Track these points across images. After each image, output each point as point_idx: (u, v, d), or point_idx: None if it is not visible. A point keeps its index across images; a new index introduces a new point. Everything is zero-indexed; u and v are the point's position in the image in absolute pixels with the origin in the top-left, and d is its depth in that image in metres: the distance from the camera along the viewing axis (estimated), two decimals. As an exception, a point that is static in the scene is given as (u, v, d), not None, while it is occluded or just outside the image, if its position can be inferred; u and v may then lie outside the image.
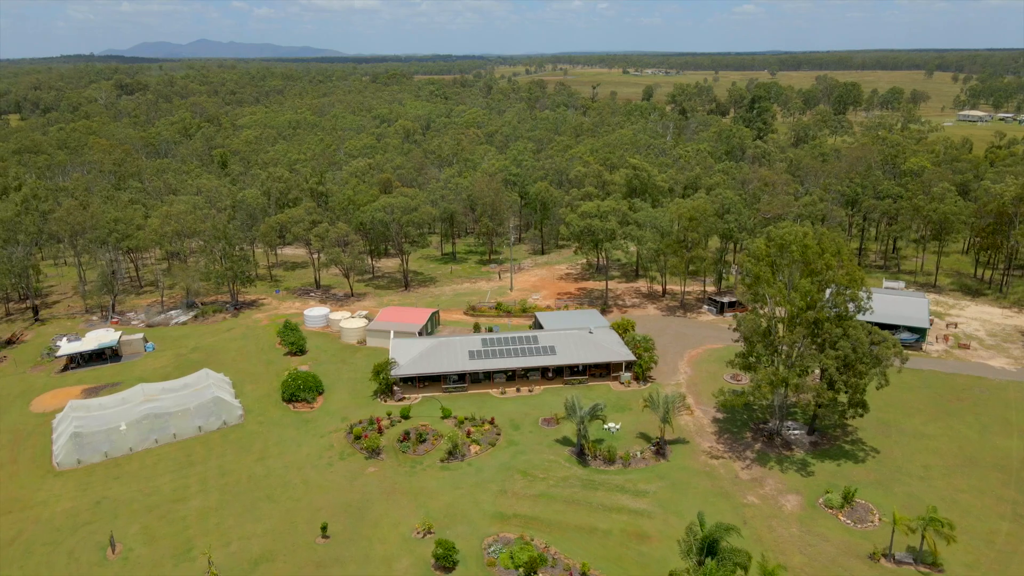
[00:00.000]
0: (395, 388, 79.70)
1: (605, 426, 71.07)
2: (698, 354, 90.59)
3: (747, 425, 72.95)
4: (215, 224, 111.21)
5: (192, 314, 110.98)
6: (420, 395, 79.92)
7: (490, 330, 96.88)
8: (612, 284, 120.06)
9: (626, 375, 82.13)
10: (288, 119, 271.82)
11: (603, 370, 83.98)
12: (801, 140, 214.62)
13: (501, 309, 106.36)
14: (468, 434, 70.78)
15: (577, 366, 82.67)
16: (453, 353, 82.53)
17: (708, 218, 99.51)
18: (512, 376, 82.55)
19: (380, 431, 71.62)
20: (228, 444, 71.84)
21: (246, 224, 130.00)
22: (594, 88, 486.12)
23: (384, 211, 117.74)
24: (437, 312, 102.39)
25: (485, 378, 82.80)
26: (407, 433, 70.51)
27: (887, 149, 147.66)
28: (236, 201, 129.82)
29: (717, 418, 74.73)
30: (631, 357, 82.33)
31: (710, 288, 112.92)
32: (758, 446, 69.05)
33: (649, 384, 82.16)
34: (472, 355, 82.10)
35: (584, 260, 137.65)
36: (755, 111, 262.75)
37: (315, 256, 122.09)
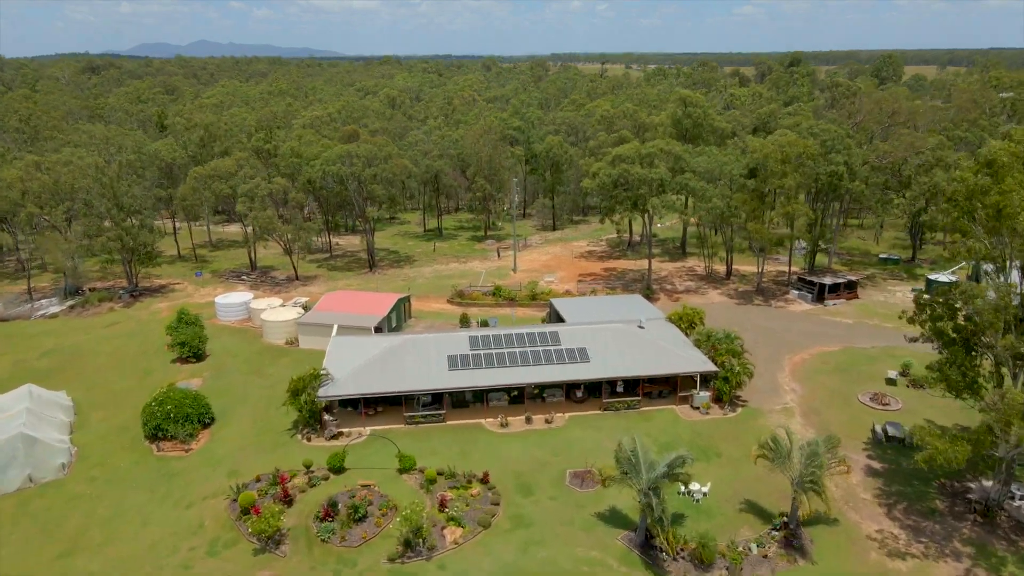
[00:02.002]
0: (326, 417, 49.94)
1: (684, 489, 40.80)
2: (804, 361, 60.72)
3: (928, 484, 43.13)
4: (100, 176, 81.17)
5: (69, 303, 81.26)
6: (368, 428, 50.11)
7: (484, 324, 67.01)
8: (653, 264, 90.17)
9: (702, 395, 52.36)
10: (260, 91, 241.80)
11: (663, 386, 54.21)
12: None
13: (501, 295, 76.61)
14: (442, 505, 41.00)
15: (622, 381, 52.82)
16: (423, 359, 52.69)
17: (808, 161, 69.41)
18: (518, 396, 52.77)
19: (287, 499, 41.82)
20: (23, 521, 42.15)
21: (161, 184, 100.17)
22: (603, 64, 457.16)
23: (341, 162, 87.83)
24: (407, 299, 72.55)
25: (475, 400, 53.13)
26: (333, 504, 40.67)
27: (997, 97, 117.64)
28: (143, 155, 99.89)
29: (872, 469, 44.87)
30: (709, 366, 52.52)
31: (774, 267, 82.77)
32: (966, 528, 39.27)
33: (739, 409, 52.39)
34: (455, 362, 52.23)
35: (608, 236, 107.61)
36: (793, 75, 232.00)
37: (249, 228, 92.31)
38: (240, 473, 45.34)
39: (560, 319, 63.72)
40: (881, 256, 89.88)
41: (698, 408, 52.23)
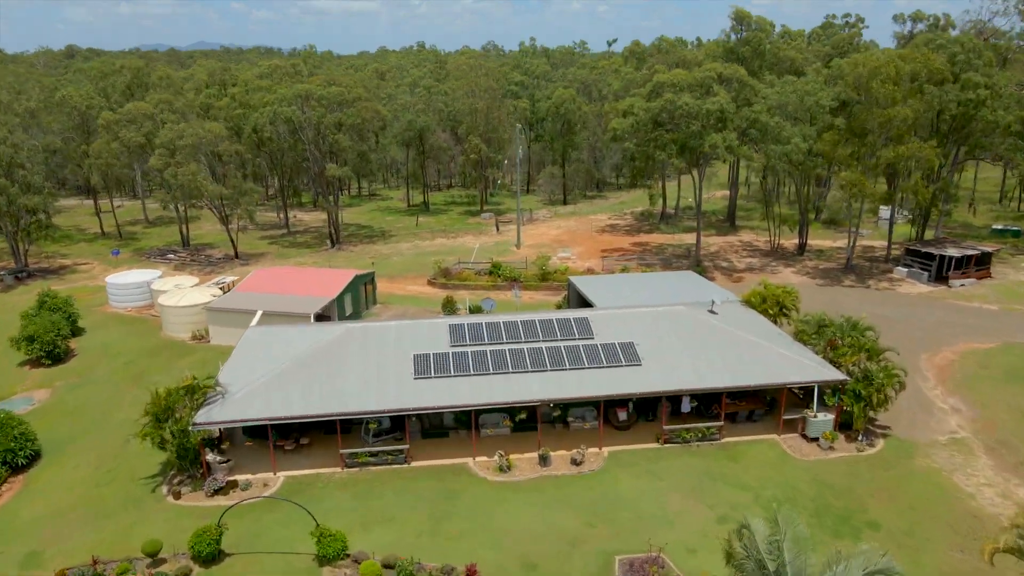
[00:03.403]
0: (210, 457, 30.96)
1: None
2: (951, 363, 41.78)
3: None
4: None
5: (-72, 288, 62.50)
6: (280, 475, 31.13)
7: (477, 310, 47.97)
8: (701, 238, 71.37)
9: (821, 419, 33.33)
10: (243, 74, 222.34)
11: (754, 404, 35.25)
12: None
13: (500, 274, 57.72)
14: (386, 640, 22.00)
15: (694, 395, 33.84)
16: (376, 360, 33.68)
17: (929, 86, 50.37)
18: (528, 421, 33.65)
19: (96, 624, 22.86)
20: None
21: (71, 139, 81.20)
22: (609, 44, 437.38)
23: (295, 104, 68.88)
24: (370, 278, 53.70)
25: (458, 425, 34.29)
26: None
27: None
28: (51, 104, 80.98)
29: None
30: (831, 372, 33.51)
31: (847, 243, 63.82)
32: None
33: (880, 442, 33.44)
34: (425, 365, 33.18)
35: (633, 210, 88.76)
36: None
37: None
38: (41, 561, 26.44)
39: (585, 302, 44.80)
40: (995, 228, 70.75)
41: (816, 440, 33.27)
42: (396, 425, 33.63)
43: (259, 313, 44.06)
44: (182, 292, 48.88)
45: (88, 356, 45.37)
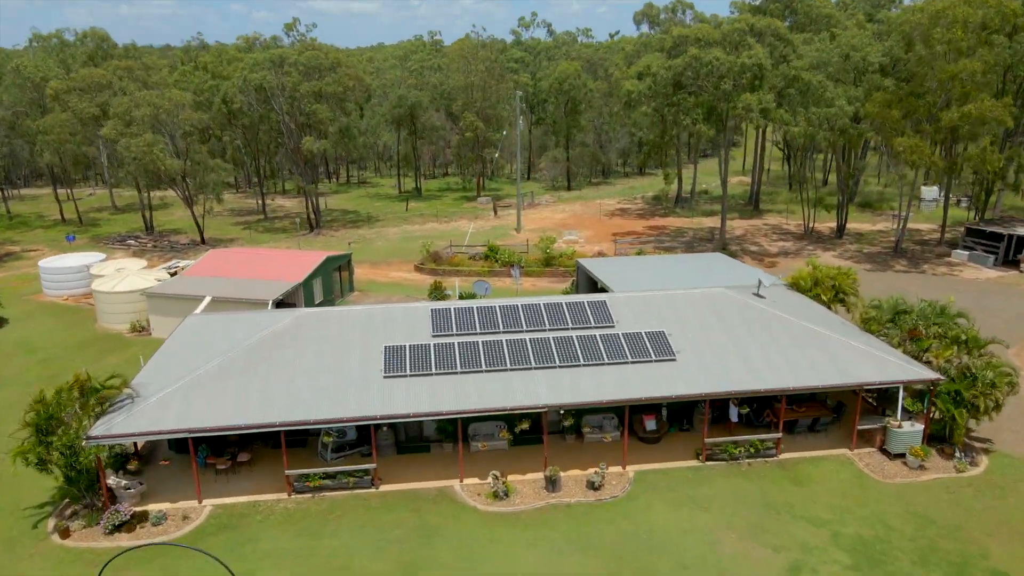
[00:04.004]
0: (112, 481, 23.71)
1: None
2: (1049, 359, 34.48)
3: None
4: None
5: None
6: (208, 504, 23.87)
7: (470, 297, 40.61)
8: (718, 222, 64.30)
9: (907, 430, 26.02)
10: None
11: (816, 411, 27.99)
12: None
13: (497, 258, 50.49)
14: None
15: (743, 399, 26.52)
16: (335, 354, 26.42)
17: (998, 37, 43.16)
18: (531, 431, 26.29)
19: None
20: None
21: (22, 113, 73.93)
22: (612, 36, 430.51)
23: (269, 69, 61.69)
24: (346, 261, 46.52)
25: (441, 437, 27.01)
26: None
27: None
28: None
29: None
30: (919, 370, 26.22)
31: (887, 226, 56.30)
32: None
33: (984, 459, 26.16)
34: (398, 360, 25.91)
35: (644, 195, 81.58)
36: None
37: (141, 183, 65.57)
38: None
39: (597, 287, 37.55)
40: (1054, 208, 63.60)
41: (901, 456, 26.04)
42: (363, 437, 26.45)
43: (207, 300, 36.89)
44: (121, 276, 41.62)
45: (0, 352, 38.12)
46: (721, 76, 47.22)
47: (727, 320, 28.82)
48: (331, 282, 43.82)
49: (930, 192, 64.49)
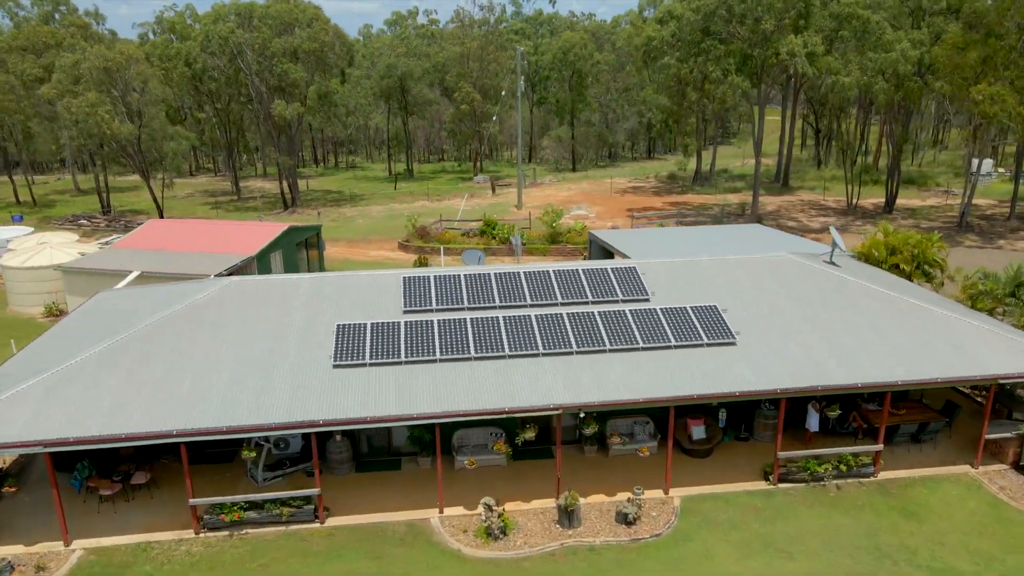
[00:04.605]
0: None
1: None
2: None
3: None
4: None
5: None
6: (79, 546, 16.72)
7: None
8: (747, 198, 57.28)
9: (1057, 439, 18.93)
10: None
11: (921, 414, 20.84)
12: None
13: (495, 234, 43.44)
14: None
15: (831, 396, 19.35)
16: (271, 335, 19.26)
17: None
18: (537, 443, 19.12)
19: None
20: None
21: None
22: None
23: (236, 24, 54.61)
24: (314, 234, 39.37)
25: (416, 448, 19.87)
26: None
27: None
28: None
29: None
30: (1070, 356, 19.09)
31: (936, 202, 48.71)
32: None
33: None
34: (355, 346, 18.85)
35: (656, 174, 74.54)
36: None
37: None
38: None
39: (612, 257, 30.44)
40: None
41: (1049, 476, 18.95)
42: (302, 453, 19.42)
43: (132, 275, 29.84)
44: (37, 251, 34.53)
45: None
46: (758, 20, 40.12)
47: (800, 294, 21.76)
48: (295, 258, 36.73)
49: (985, 166, 57.87)
